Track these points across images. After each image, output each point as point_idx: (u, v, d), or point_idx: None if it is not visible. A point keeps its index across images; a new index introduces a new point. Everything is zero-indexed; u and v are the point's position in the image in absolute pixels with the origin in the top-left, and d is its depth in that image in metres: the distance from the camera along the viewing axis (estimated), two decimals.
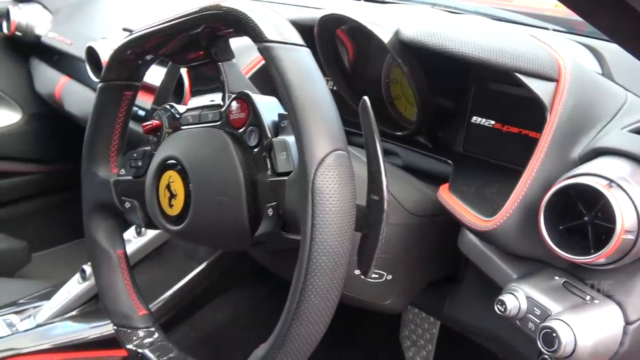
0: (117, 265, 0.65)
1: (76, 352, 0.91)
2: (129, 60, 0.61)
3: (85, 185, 0.67)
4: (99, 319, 0.96)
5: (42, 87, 1.41)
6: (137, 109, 1.09)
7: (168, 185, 0.55)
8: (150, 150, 0.63)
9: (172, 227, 0.56)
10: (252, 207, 0.50)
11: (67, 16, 1.40)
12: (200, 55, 0.56)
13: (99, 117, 0.64)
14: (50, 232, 1.62)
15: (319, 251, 0.42)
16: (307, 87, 0.44)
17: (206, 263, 1.10)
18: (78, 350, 0.92)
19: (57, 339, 0.91)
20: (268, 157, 0.50)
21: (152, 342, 0.62)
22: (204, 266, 1.10)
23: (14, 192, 1.58)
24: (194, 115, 0.58)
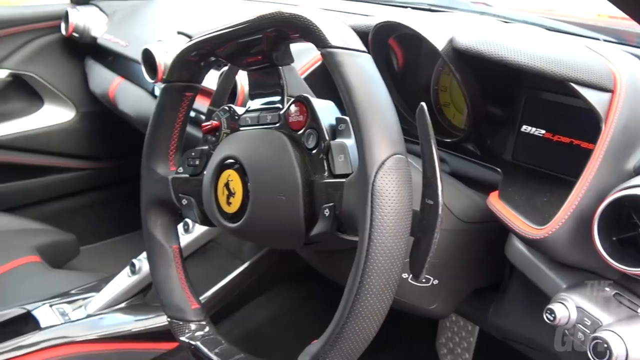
0: (172, 260, 0.68)
1: (123, 342, 0.94)
2: (192, 62, 0.63)
3: (144, 181, 0.69)
4: (146, 312, 0.99)
5: (96, 87, 1.47)
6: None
7: (227, 183, 0.57)
8: (208, 150, 0.65)
9: (229, 224, 0.58)
10: (308, 207, 0.52)
11: (122, 19, 1.45)
12: (260, 59, 0.58)
13: (160, 116, 0.67)
14: (98, 226, 1.68)
15: (376, 252, 0.43)
16: (369, 91, 0.45)
17: (249, 262, 1.13)
18: (125, 341, 0.95)
19: (106, 330, 0.94)
20: (325, 159, 0.52)
21: (203, 335, 0.64)
22: (247, 265, 1.12)
23: (65, 187, 1.65)
24: (252, 116, 0.60)
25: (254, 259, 1.13)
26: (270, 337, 1.17)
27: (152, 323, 0.97)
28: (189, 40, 0.61)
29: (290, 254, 1.15)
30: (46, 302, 0.97)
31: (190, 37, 1.09)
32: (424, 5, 1.07)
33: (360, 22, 0.77)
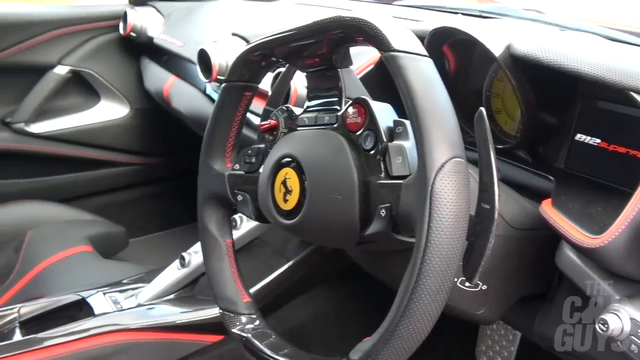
0: (226, 254, 0.70)
1: (171, 333, 0.97)
2: (253, 62, 0.65)
3: (201, 177, 0.72)
4: (193, 305, 1.02)
5: (151, 85, 1.51)
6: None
7: (284, 181, 0.59)
8: (265, 148, 0.67)
9: (284, 221, 0.59)
10: (363, 207, 0.53)
11: (178, 20, 1.49)
12: (318, 61, 0.60)
13: (219, 114, 0.69)
14: (146, 220, 1.73)
15: (433, 253, 0.44)
16: (430, 95, 0.46)
17: (293, 261, 1.14)
18: (173, 332, 0.98)
19: (155, 319, 0.97)
20: (382, 161, 0.53)
21: (253, 327, 0.66)
22: (291, 264, 1.14)
23: (116, 181, 1.71)
24: (310, 117, 0.62)
25: (299, 257, 1.15)
26: (311, 335, 1.18)
27: (198, 315, 1.00)
28: (254, 41, 0.63)
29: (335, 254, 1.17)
30: (100, 290, 1.00)
31: (245, 39, 1.13)
32: (474, 11, 1.07)
33: (414, 27, 0.78)
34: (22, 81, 1.50)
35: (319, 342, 1.16)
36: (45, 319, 0.95)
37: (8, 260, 1.30)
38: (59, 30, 1.49)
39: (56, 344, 0.87)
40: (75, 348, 0.88)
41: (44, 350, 0.86)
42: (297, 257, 1.15)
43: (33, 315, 0.93)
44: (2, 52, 1.43)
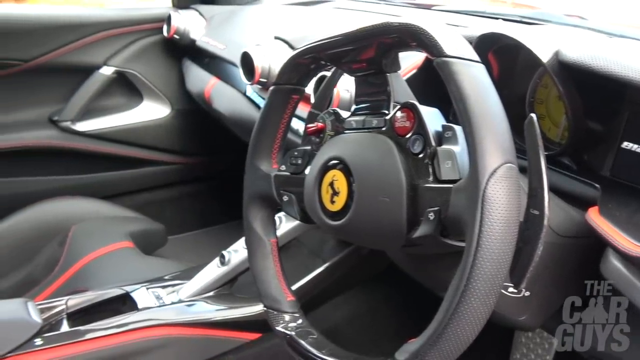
0: (270, 253, 0.72)
1: (210, 329, 0.99)
2: (303, 65, 0.66)
3: (248, 177, 0.74)
4: (232, 303, 1.03)
5: (192, 86, 1.55)
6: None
7: (331, 182, 0.60)
8: (311, 150, 0.68)
9: (331, 222, 0.60)
10: (410, 209, 0.54)
11: (220, 23, 1.52)
12: (368, 66, 0.61)
13: (267, 116, 0.71)
14: (184, 218, 1.77)
15: (483, 257, 0.44)
16: (483, 100, 0.47)
17: (330, 263, 1.15)
18: (212, 328, 0.99)
19: (195, 316, 0.99)
20: (430, 165, 0.53)
21: (296, 326, 0.67)
22: (327, 265, 1.15)
23: (155, 180, 1.75)
24: (357, 120, 0.63)
25: (335, 259, 1.16)
26: (346, 337, 1.19)
27: (237, 313, 1.02)
28: (306, 44, 0.64)
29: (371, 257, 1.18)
30: (143, 285, 1.03)
31: (287, 43, 1.15)
32: (515, 17, 1.06)
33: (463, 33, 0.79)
34: (69, 81, 1.55)
35: (353, 344, 1.17)
36: (90, 311, 0.98)
37: (53, 253, 1.34)
38: (106, 32, 1.54)
39: (102, 336, 0.90)
40: (119, 341, 0.91)
41: (90, 341, 0.89)
42: (334, 259, 1.16)
43: (79, 308, 0.96)
44: (53, 52, 1.48)
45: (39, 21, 1.47)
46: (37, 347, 0.85)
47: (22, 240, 1.38)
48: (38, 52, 1.47)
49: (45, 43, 1.47)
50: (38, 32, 1.46)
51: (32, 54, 1.46)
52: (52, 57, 1.48)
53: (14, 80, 1.48)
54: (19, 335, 0.84)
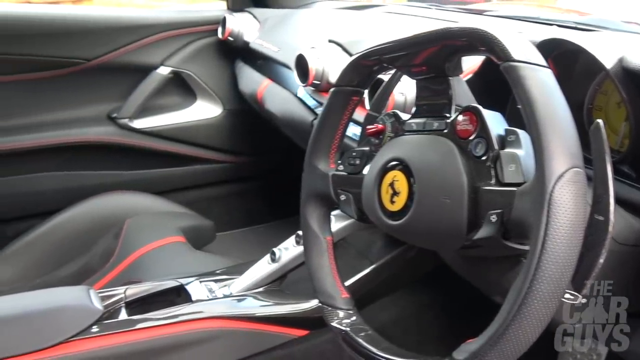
0: (326, 250, 0.74)
1: (259, 324, 1.01)
2: (364, 67, 0.68)
3: (306, 176, 0.76)
4: (281, 299, 1.05)
5: (245, 87, 1.58)
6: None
7: (392, 183, 0.61)
8: (370, 151, 0.70)
9: (390, 222, 0.62)
10: (471, 211, 0.54)
11: (273, 26, 1.55)
12: (430, 69, 0.62)
13: (327, 117, 0.73)
14: (231, 216, 1.81)
15: (548, 260, 0.45)
16: (551, 105, 0.47)
17: (377, 264, 1.16)
18: (262, 323, 1.01)
19: (246, 310, 1.01)
20: (493, 168, 0.54)
21: (351, 322, 0.69)
22: (374, 266, 1.16)
23: (205, 177, 1.80)
24: (418, 122, 0.64)
25: (382, 261, 1.17)
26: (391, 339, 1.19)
27: (286, 309, 1.03)
28: (370, 47, 0.66)
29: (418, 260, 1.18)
30: (197, 278, 1.06)
31: (341, 46, 1.17)
32: (570, 23, 1.05)
33: None
34: (128, 80, 1.62)
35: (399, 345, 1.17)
36: (146, 301, 1.01)
37: (109, 245, 1.39)
38: (163, 34, 1.60)
39: (158, 326, 0.93)
40: (174, 331, 0.94)
41: (146, 330, 0.92)
42: (381, 261, 1.17)
43: (137, 297, 1.00)
44: (113, 52, 1.55)
45: (102, 22, 1.55)
46: (97, 333, 0.88)
47: (81, 231, 1.45)
48: (100, 52, 1.53)
49: (107, 43, 1.53)
50: (101, 32, 1.53)
51: (95, 53, 1.53)
52: (113, 56, 1.55)
53: (77, 78, 1.55)
54: (81, 320, 0.87)
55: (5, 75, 1.48)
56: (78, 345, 0.86)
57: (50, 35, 1.49)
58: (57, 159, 1.57)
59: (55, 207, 1.49)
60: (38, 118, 1.54)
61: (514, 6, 2.52)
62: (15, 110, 1.52)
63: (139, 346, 0.91)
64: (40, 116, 1.54)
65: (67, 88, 1.55)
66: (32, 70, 1.50)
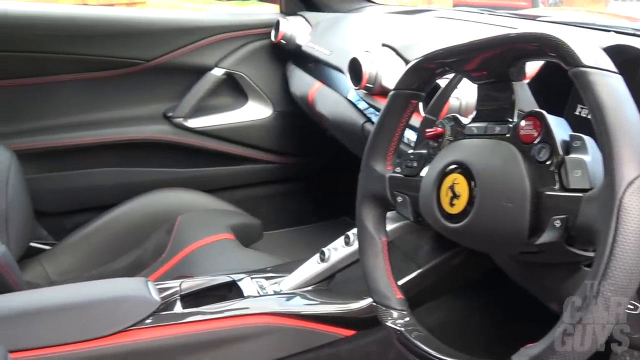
0: (381, 251, 0.75)
1: (309, 322, 1.03)
2: (426, 70, 0.69)
3: (363, 177, 0.77)
4: (330, 298, 1.07)
5: (296, 89, 1.61)
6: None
7: (452, 186, 0.62)
8: (428, 154, 0.71)
9: (448, 224, 0.62)
10: (534, 216, 0.55)
11: (325, 29, 1.57)
12: (492, 73, 0.62)
13: (385, 120, 0.74)
14: (277, 216, 1.84)
15: (616, 267, 0.45)
16: (621, 111, 0.47)
17: (424, 268, 1.16)
18: (310, 321, 1.03)
19: (296, 308, 1.03)
20: (557, 173, 0.54)
21: (405, 323, 0.70)
22: (422, 270, 1.16)
23: (254, 177, 1.83)
24: (479, 126, 0.64)
25: (429, 265, 1.16)
26: None
27: (334, 309, 1.04)
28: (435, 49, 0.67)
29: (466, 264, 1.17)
30: (248, 274, 1.09)
31: (395, 50, 1.18)
32: (628, 29, 1.03)
33: None
34: (183, 80, 1.67)
35: None
36: (199, 295, 1.04)
37: (161, 240, 1.44)
38: (219, 36, 1.65)
39: (211, 319, 0.95)
40: (226, 325, 0.96)
41: (200, 323, 0.95)
42: (428, 265, 1.17)
43: (191, 291, 1.03)
44: (171, 53, 1.60)
45: (161, 24, 1.60)
46: (154, 324, 0.91)
47: (135, 226, 1.50)
48: (158, 53, 1.59)
49: (165, 44, 1.59)
50: (159, 34, 1.59)
51: (153, 54, 1.59)
52: (170, 57, 1.60)
53: (135, 78, 1.61)
54: (140, 311, 0.91)
55: (68, 74, 1.55)
56: (136, 334, 0.89)
57: (112, 36, 1.55)
58: (114, 156, 1.64)
59: (111, 202, 1.55)
60: (97, 116, 1.61)
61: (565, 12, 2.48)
62: (76, 107, 1.59)
63: (192, 338, 0.93)
64: (100, 114, 1.61)
65: (125, 87, 1.62)
66: (93, 70, 1.56)
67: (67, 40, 1.51)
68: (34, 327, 0.84)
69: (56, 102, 1.57)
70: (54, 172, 1.59)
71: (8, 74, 1.50)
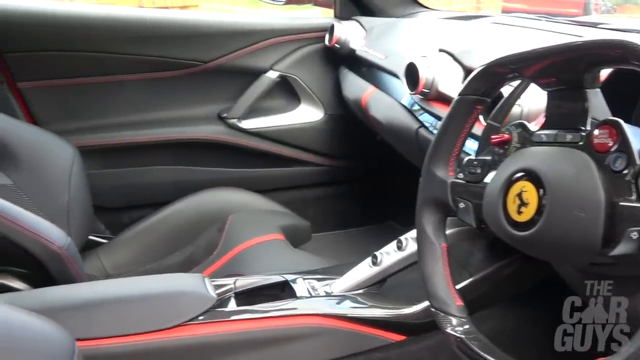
0: (440, 257, 0.74)
1: (359, 325, 1.03)
2: (494, 75, 0.68)
3: (424, 182, 0.77)
4: (381, 302, 1.06)
5: (349, 93, 1.62)
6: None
7: (519, 193, 0.61)
8: (492, 160, 0.70)
9: (515, 232, 0.62)
10: (608, 227, 0.53)
11: (379, 34, 1.58)
12: (563, 80, 0.61)
13: (449, 125, 0.74)
14: (325, 218, 1.85)
15: None
16: None
17: (477, 276, 1.14)
18: (361, 324, 1.03)
19: (347, 310, 1.03)
20: (634, 183, 0.53)
21: (465, 330, 0.69)
22: (474, 279, 1.14)
23: (303, 179, 1.85)
24: (549, 134, 0.63)
25: (482, 273, 1.15)
26: None
27: (385, 313, 1.04)
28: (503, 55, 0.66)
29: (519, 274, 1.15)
30: (300, 275, 1.10)
31: (452, 55, 1.17)
32: None
33: None
34: (238, 82, 1.70)
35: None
36: (252, 293, 1.06)
37: (213, 238, 1.46)
38: (274, 39, 1.68)
39: (264, 317, 0.97)
40: (278, 324, 0.97)
41: (254, 321, 0.96)
42: (481, 273, 1.15)
43: (245, 289, 1.04)
44: (228, 56, 1.64)
45: (219, 27, 1.64)
46: (210, 320, 0.93)
47: (188, 223, 1.54)
48: (216, 55, 1.63)
49: (223, 47, 1.63)
50: (218, 37, 1.63)
51: (211, 56, 1.63)
52: (227, 60, 1.64)
53: (193, 79, 1.66)
54: (197, 306, 0.93)
55: (129, 74, 1.60)
56: (192, 329, 0.91)
57: (172, 38, 1.60)
58: (170, 154, 1.68)
59: (165, 199, 1.59)
60: (155, 115, 1.66)
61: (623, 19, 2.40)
62: (136, 106, 1.64)
63: (245, 336, 0.95)
64: (158, 113, 1.66)
65: (183, 88, 1.66)
66: (153, 70, 1.62)
67: (130, 41, 1.57)
68: (98, 317, 0.87)
69: (117, 101, 1.63)
70: (113, 168, 1.65)
71: (73, 73, 1.56)
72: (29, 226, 0.96)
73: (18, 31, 1.49)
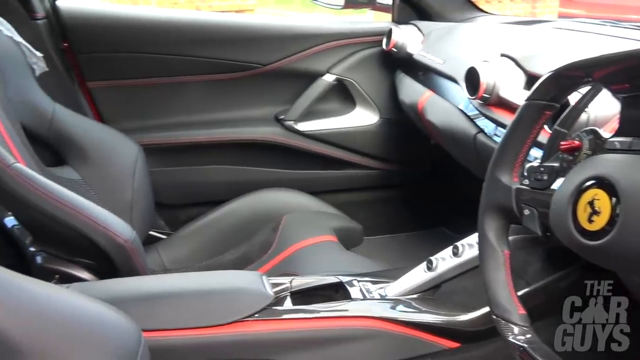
0: (502, 264, 0.73)
1: (413, 329, 1.02)
2: (565, 81, 0.67)
3: (487, 187, 0.76)
4: (435, 308, 1.06)
5: (406, 97, 1.62)
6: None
7: (591, 202, 0.60)
8: (561, 167, 0.69)
9: (585, 241, 0.60)
10: None
11: (437, 38, 1.57)
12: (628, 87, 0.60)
13: (516, 130, 0.73)
14: (376, 221, 1.85)
15: None
16: None
17: (534, 286, 1.12)
18: (414, 329, 1.02)
19: (401, 314, 1.03)
20: None
21: (528, 339, 0.68)
22: (531, 289, 1.12)
23: (355, 182, 1.87)
24: (622, 141, 0.62)
25: (539, 283, 1.12)
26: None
27: (439, 319, 1.03)
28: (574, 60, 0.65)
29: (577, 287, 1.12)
30: (355, 277, 1.11)
31: (514, 60, 1.15)
32: None
33: None
34: (296, 84, 1.73)
35: None
36: (307, 293, 1.07)
37: (267, 237, 1.49)
38: (332, 43, 1.70)
39: (319, 317, 0.98)
40: (333, 324, 0.98)
41: (309, 320, 0.97)
42: (538, 283, 1.13)
43: (301, 289, 1.06)
44: (286, 59, 1.67)
45: (278, 31, 1.68)
46: (267, 317, 0.95)
47: (243, 222, 1.57)
48: (274, 58, 1.66)
49: (281, 50, 1.66)
50: (277, 40, 1.67)
51: (270, 59, 1.66)
52: (285, 63, 1.67)
53: (251, 81, 1.70)
54: (255, 303, 0.95)
55: (192, 75, 1.65)
56: (249, 325, 0.93)
57: (234, 41, 1.65)
58: (228, 154, 1.73)
59: (222, 198, 1.63)
60: (215, 115, 1.71)
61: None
62: (197, 107, 1.70)
63: (300, 334, 0.96)
64: (217, 114, 1.71)
65: (242, 90, 1.70)
66: (214, 72, 1.66)
67: (192, 44, 1.62)
68: (162, 310, 0.90)
69: (179, 101, 1.69)
70: (174, 167, 1.70)
71: (139, 73, 1.63)
72: (98, 219, 1.00)
73: (91, 33, 1.57)
